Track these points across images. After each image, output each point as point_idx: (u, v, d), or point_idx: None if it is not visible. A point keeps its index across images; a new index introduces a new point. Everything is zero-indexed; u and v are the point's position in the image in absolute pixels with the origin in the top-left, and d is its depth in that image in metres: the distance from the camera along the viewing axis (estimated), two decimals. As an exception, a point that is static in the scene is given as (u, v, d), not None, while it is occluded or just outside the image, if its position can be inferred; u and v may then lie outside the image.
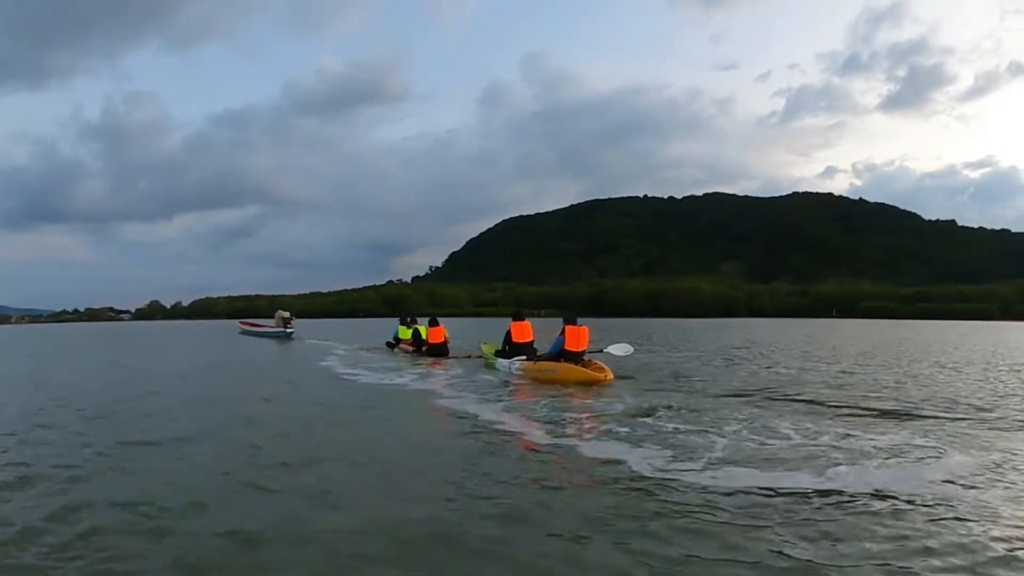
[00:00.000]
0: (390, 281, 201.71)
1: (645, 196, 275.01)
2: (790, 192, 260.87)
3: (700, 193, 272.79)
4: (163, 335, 50.02)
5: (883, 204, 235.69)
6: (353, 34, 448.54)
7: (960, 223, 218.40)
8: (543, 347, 16.21)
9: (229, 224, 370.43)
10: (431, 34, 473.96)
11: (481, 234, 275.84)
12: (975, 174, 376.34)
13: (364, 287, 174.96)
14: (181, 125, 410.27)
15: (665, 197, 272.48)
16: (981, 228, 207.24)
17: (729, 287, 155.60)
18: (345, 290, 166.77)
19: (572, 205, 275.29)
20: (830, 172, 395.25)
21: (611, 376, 13.81)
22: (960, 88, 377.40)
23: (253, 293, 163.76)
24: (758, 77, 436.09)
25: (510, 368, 15.71)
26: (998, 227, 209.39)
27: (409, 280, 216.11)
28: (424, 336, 21.40)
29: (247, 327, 48.12)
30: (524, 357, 15.81)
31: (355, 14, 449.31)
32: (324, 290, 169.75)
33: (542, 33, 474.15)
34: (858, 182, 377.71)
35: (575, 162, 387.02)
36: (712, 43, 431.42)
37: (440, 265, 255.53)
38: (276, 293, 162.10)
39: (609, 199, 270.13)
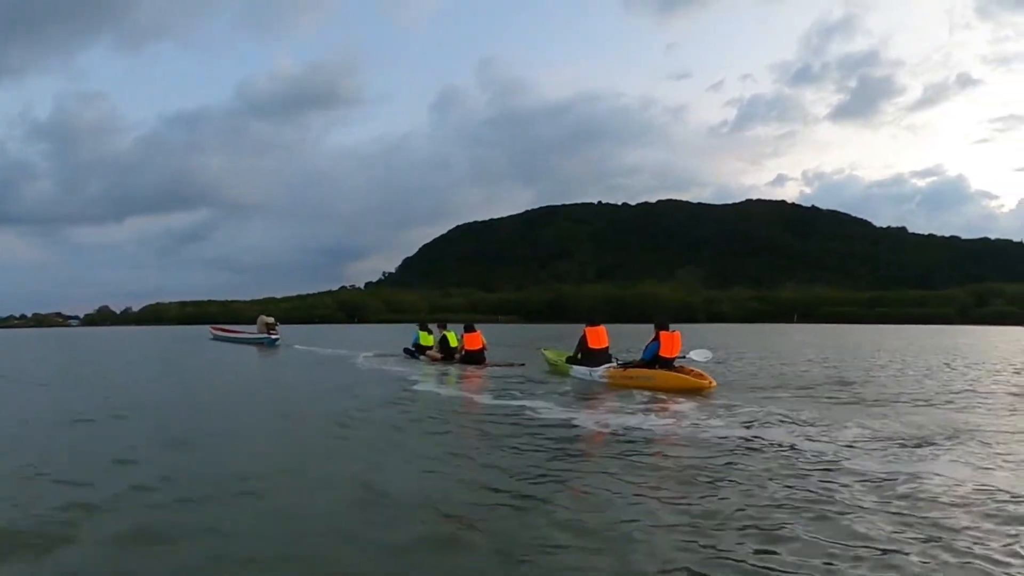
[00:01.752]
0: (343, 287, 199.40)
1: (599, 203, 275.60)
2: (743, 199, 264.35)
3: (654, 200, 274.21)
4: (128, 342, 46.32)
5: (835, 211, 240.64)
6: (308, 36, 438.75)
7: (910, 230, 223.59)
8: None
9: (181, 227, 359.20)
10: (386, 38, 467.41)
11: (435, 240, 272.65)
12: (922, 183, 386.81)
13: (319, 292, 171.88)
14: (133, 125, 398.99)
15: (619, 204, 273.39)
16: (931, 235, 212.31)
17: (688, 293, 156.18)
18: (300, 295, 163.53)
19: (526, 211, 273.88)
20: (780, 180, 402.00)
21: (715, 383, 12.80)
22: (909, 99, 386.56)
23: (205, 298, 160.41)
24: (711, 86, 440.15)
25: (591, 376, 14.60)
26: (948, 234, 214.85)
27: (362, 286, 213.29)
28: (453, 344, 19.91)
29: (220, 332, 45.04)
30: (613, 364, 14.57)
31: (311, 15, 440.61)
32: (278, 295, 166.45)
33: (498, 39, 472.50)
34: (808, 190, 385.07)
35: (529, 168, 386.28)
36: (667, 52, 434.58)
37: (394, 271, 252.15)
38: (229, 299, 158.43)
39: (563, 205, 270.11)
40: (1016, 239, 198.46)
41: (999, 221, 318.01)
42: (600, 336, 15.49)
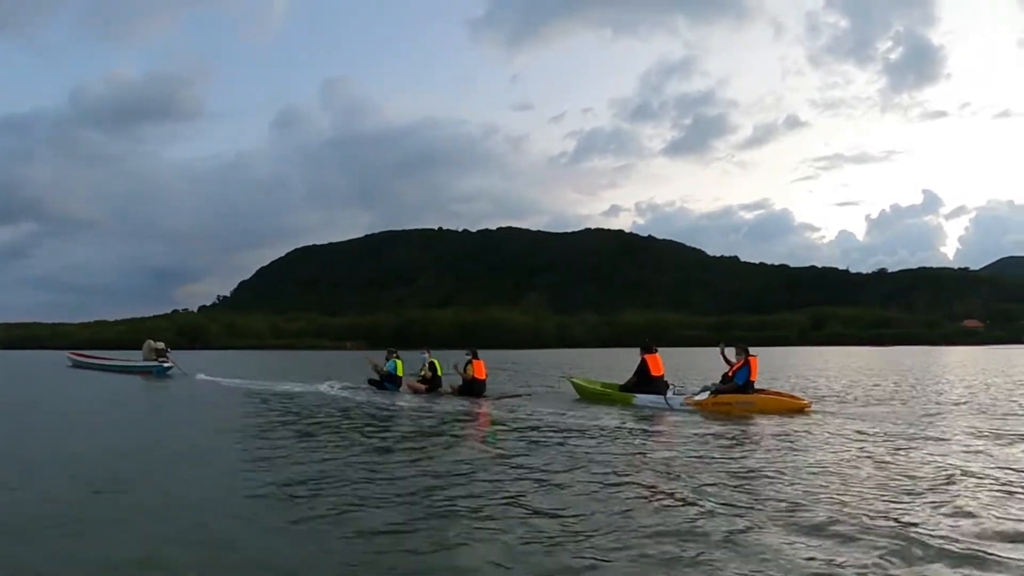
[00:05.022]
0: (175, 310, 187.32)
1: (440, 228, 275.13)
2: (581, 228, 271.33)
3: (493, 227, 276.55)
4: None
5: (671, 240, 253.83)
6: (150, 44, 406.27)
7: (741, 259, 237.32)
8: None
9: (0, 243, 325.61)
10: (231, 52, 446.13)
11: (272, 262, 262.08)
12: (750, 215, 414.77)
13: (154, 316, 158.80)
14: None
15: (460, 230, 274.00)
16: (762, 263, 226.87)
17: (538, 319, 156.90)
18: (135, 319, 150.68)
19: (366, 235, 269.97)
20: (615, 210, 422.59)
21: (811, 402, 13.54)
22: (740, 137, 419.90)
23: (30, 320, 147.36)
24: (552, 118, 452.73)
25: (668, 404, 13.96)
26: (777, 262, 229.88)
27: (195, 309, 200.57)
28: (440, 372, 18.18)
29: (85, 360, 38.85)
30: (708, 390, 13.98)
31: (154, 23, 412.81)
32: (109, 318, 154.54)
33: (344, 61, 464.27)
34: (640, 220, 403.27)
35: (367, 192, 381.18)
36: (511, 83, 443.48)
37: (229, 294, 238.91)
38: (56, 321, 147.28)
39: (404, 230, 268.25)
40: (841, 267, 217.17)
41: (821, 251, 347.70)
42: (659, 363, 15.11)
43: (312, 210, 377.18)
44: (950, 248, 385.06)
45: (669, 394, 14.33)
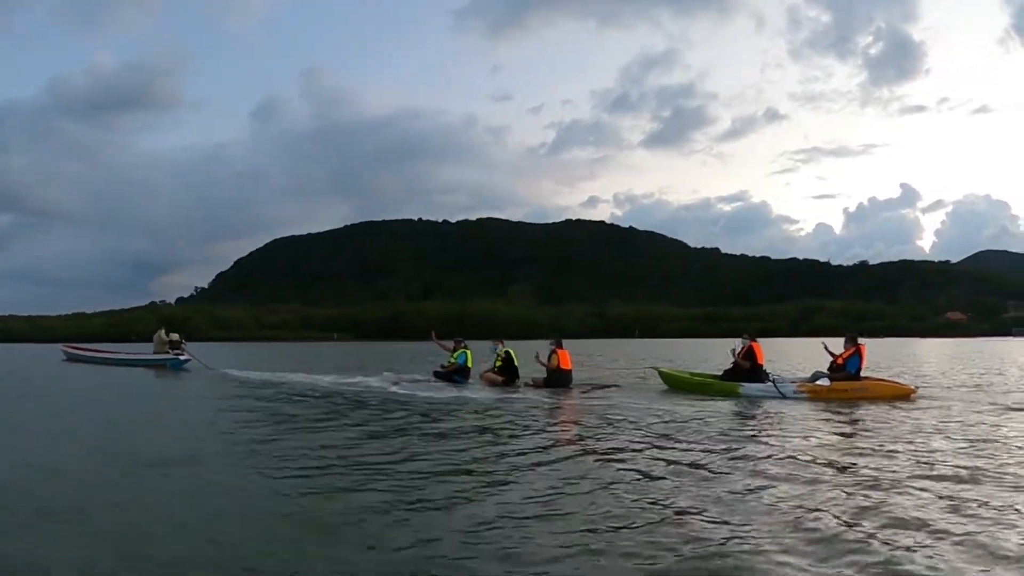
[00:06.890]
0: (153, 302, 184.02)
1: (420, 219, 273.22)
2: (562, 219, 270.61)
3: (473, 218, 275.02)
4: None
5: (652, 232, 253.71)
6: (131, 33, 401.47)
7: (722, 251, 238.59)
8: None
9: None
10: (213, 41, 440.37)
11: (251, 253, 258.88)
12: (728, 207, 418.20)
13: (133, 308, 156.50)
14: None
15: (439, 220, 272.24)
16: (744, 255, 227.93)
17: (526, 310, 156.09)
18: (113, 311, 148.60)
19: (345, 226, 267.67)
20: (593, 201, 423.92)
21: (916, 389, 14.03)
22: (719, 130, 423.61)
23: (7, 313, 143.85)
24: (532, 109, 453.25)
25: (780, 391, 13.72)
26: (756, 254, 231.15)
27: (173, 301, 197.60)
28: (517, 363, 16.87)
29: (79, 352, 35.44)
30: (825, 377, 13.92)
31: (134, 12, 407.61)
32: (86, 311, 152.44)
33: (324, 51, 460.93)
34: (619, 212, 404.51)
35: (347, 183, 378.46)
36: (492, 74, 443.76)
37: (207, 286, 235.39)
38: (33, 314, 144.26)
39: (383, 221, 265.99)
40: (819, 259, 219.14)
41: (799, 243, 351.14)
42: (760, 352, 14.97)
43: (291, 201, 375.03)
44: (927, 242, 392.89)
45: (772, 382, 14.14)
